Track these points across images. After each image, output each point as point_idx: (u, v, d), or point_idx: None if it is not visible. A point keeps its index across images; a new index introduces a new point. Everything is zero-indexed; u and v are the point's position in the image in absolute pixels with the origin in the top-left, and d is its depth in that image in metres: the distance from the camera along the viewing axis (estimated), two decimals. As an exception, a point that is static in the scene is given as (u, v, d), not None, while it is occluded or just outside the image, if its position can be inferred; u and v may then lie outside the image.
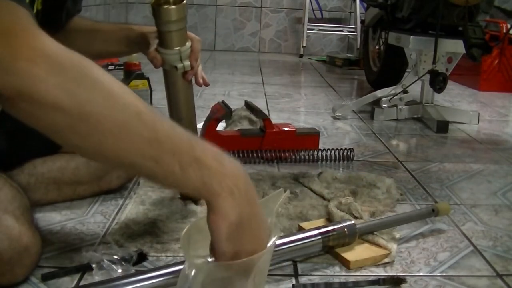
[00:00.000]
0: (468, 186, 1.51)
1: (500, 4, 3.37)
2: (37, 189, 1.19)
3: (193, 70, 1.06)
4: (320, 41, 4.82)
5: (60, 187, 1.22)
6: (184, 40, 1.03)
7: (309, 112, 2.42)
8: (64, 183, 1.22)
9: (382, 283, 0.93)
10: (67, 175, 1.22)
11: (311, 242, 1.00)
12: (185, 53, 1.03)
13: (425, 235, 1.16)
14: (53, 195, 1.22)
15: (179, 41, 1.02)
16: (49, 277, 0.91)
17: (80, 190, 1.25)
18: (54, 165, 1.21)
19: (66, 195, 1.23)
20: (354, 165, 1.65)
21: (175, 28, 1.00)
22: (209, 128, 1.65)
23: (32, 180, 1.19)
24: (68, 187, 1.23)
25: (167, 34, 1.00)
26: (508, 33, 2.58)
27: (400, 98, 2.29)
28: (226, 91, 2.80)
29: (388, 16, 2.63)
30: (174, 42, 1.01)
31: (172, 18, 0.98)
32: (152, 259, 1.00)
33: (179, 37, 1.01)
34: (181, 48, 1.02)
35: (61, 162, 1.22)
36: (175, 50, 1.02)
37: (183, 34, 1.02)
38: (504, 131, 2.24)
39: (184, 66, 1.04)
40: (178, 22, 0.99)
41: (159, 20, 0.99)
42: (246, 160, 1.60)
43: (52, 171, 1.21)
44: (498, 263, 1.05)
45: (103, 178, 1.26)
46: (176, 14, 0.98)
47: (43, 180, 1.20)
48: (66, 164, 1.22)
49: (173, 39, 1.01)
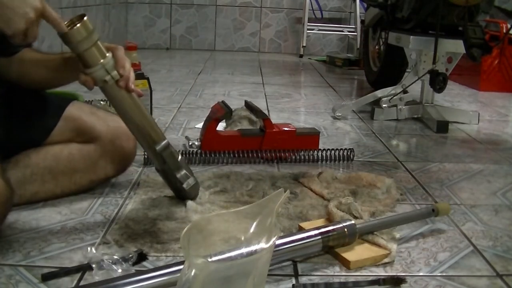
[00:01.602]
0: (468, 186, 1.51)
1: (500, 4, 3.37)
2: (34, 181, 1.20)
3: (123, 77, 1.05)
4: (320, 41, 4.82)
5: (56, 176, 1.23)
6: (103, 53, 1.04)
7: (309, 112, 2.42)
8: (60, 172, 1.23)
9: (382, 283, 0.93)
10: (62, 163, 1.23)
11: (311, 242, 1.00)
12: (109, 65, 1.04)
13: (425, 235, 1.16)
14: (50, 186, 1.22)
15: (98, 55, 1.03)
16: (49, 277, 0.91)
17: (77, 178, 1.26)
18: (48, 154, 1.22)
19: (63, 184, 1.24)
20: (354, 165, 1.65)
21: (88, 44, 1.01)
22: (209, 128, 1.65)
23: (28, 171, 1.19)
24: (64, 175, 1.24)
25: (85, 53, 1.02)
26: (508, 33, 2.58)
27: (400, 98, 2.29)
28: (226, 91, 2.80)
29: (388, 16, 2.63)
30: (94, 58, 1.03)
31: (82, 36, 1.00)
32: (152, 259, 1.00)
33: (96, 52, 1.03)
34: (103, 61, 1.03)
35: (54, 150, 1.23)
36: (98, 65, 1.03)
37: (99, 48, 1.03)
38: (504, 131, 2.24)
39: (113, 77, 1.05)
40: (89, 38, 1.01)
41: (72, 44, 1.01)
42: (246, 160, 1.60)
43: (47, 159, 1.22)
44: (498, 263, 1.05)
45: (98, 163, 1.27)
46: (83, 31, 1.00)
47: (38, 171, 1.20)
48: (60, 151, 1.23)
49: (92, 55, 1.03)
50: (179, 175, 1.19)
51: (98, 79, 1.04)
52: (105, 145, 1.26)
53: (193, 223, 0.80)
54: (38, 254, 1.00)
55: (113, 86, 1.06)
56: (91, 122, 1.26)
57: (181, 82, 3.02)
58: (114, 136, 1.27)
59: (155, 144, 1.14)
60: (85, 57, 1.02)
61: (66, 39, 0.99)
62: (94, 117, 1.27)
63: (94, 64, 1.02)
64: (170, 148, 1.16)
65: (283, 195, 0.87)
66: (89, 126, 1.26)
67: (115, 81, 1.05)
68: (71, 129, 1.25)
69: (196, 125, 2.01)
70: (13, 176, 1.17)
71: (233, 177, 1.43)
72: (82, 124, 1.25)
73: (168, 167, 1.18)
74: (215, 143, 1.64)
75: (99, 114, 1.29)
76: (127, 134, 1.29)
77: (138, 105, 1.11)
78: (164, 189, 1.33)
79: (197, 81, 3.08)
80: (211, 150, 1.60)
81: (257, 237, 0.85)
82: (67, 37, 0.99)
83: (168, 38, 4.64)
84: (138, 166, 1.51)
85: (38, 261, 0.97)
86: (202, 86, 2.94)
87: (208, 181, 1.40)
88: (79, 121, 1.25)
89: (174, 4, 4.65)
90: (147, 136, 1.14)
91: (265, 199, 0.87)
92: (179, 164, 1.19)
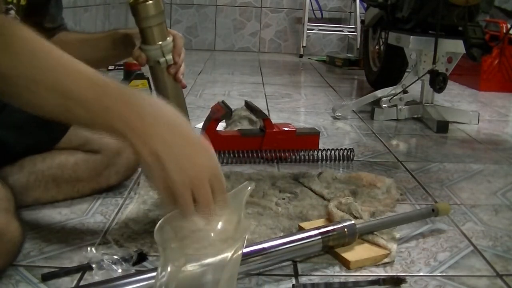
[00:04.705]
0: (468, 186, 1.51)
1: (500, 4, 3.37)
2: (37, 187, 1.20)
3: (176, 65, 1.07)
4: (320, 41, 4.82)
5: (60, 184, 1.22)
6: (164, 35, 1.06)
7: (309, 112, 2.42)
8: (64, 180, 1.23)
9: (382, 283, 0.93)
10: (66, 172, 1.22)
11: (311, 242, 1.00)
12: (167, 48, 1.06)
13: (425, 235, 1.16)
14: (53, 192, 1.22)
15: (159, 36, 1.05)
16: (49, 277, 0.91)
17: (79, 186, 1.25)
18: (53, 162, 1.22)
19: (65, 192, 1.24)
20: (354, 165, 1.65)
21: (153, 23, 1.03)
22: (209, 128, 1.65)
23: (32, 178, 1.19)
24: (67, 184, 1.23)
25: (148, 30, 1.04)
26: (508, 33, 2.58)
27: (400, 98, 2.29)
28: (226, 91, 2.80)
29: (388, 16, 2.63)
30: (155, 38, 1.05)
31: (150, 14, 1.01)
32: (152, 259, 0.99)
33: (159, 32, 1.05)
34: (162, 43, 1.05)
35: (60, 159, 1.23)
36: (156, 45, 1.05)
37: (163, 29, 1.06)
38: (504, 131, 2.24)
39: (167, 61, 1.07)
40: (156, 17, 1.02)
41: (138, 17, 1.03)
42: (246, 160, 1.60)
43: (52, 168, 1.21)
44: (498, 263, 1.05)
45: (102, 173, 1.27)
46: (153, 9, 1.01)
47: (42, 178, 1.20)
48: (65, 160, 1.23)
49: (154, 34, 1.04)
50: None
51: (152, 59, 1.06)
52: (111, 156, 1.26)
53: (164, 218, 0.81)
54: (38, 254, 1.00)
55: (163, 70, 1.07)
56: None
57: (181, 82, 3.02)
58: (120, 148, 1.26)
59: None
60: (147, 34, 1.04)
61: (136, 11, 1.01)
62: None
63: (153, 43, 1.04)
64: None
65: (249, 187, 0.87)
66: (97, 136, 1.25)
67: (166, 66, 1.06)
68: (79, 138, 1.24)
69: (196, 125, 2.01)
70: (17, 181, 1.17)
71: (233, 177, 1.43)
72: (90, 134, 1.25)
73: None
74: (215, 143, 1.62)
75: None
76: None
77: (179, 95, 1.12)
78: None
79: (197, 81, 3.08)
80: (211, 150, 1.60)
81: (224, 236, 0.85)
82: (137, 10, 1.00)
83: (168, 38, 4.64)
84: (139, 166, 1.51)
85: (38, 261, 0.97)
86: (202, 86, 2.94)
87: (208, 181, 1.40)
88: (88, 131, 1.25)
89: (174, 4, 4.65)
90: None
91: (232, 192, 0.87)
92: None
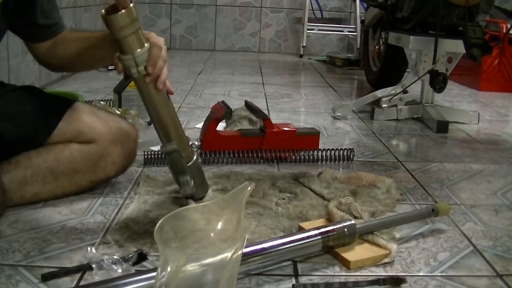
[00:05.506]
0: (468, 186, 1.51)
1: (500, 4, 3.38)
2: (34, 182, 1.20)
3: (151, 75, 1.05)
4: (320, 41, 4.82)
5: (57, 177, 1.23)
6: (141, 42, 1.04)
7: (309, 112, 2.42)
8: (61, 173, 1.23)
9: (382, 283, 0.93)
10: (62, 164, 1.23)
11: (311, 242, 1.00)
12: (140, 58, 1.03)
13: (425, 235, 1.16)
14: (51, 187, 1.22)
15: (135, 44, 1.03)
16: (49, 277, 0.91)
17: (77, 179, 1.26)
18: (49, 155, 1.22)
19: (63, 185, 1.24)
20: (354, 165, 1.65)
21: (127, 32, 1.01)
22: (209, 128, 1.65)
23: (29, 173, 1.19)
24: (65, 176, 1.24)
25: (123, 40, 1.02)
26: (508, 33, 2.58)
27: (400, 98, 2.29)
28: (226, 91, 2.80)
29: (388, 16, 2.63)
30: (131, 47, 1.03)
31: (122, 24, 0.99)
32: (152, 259, 0.99)
33: (134, 41, 1.02)
34: (135, 53, 1.03)
35: (55, 151, 1.23)
36: (128, 56, 1.03)
37: (139, 37, 1.03)
38: (504, 131, 2.24)
39: (139, 72, 1.04)
40: (130, 26, 1.00)
41: (111, 29, 1.01)
42: (246, 160, 1.60)
43: (48, 161, 1.22)
44: (498, 263, 1.05)
45: (98, 164, 1.27)
46: (126, 19, 0.99)
47: (39, 172, 1.20)
48: (60, 152, 1.23)
49: (129, 43, 1.02)
50: (181, 179, 1.18)
51: (127, 68, 1.05)
52: (106, 146, 1.26)
53: (164, 218, 0.80)
54: (38, 254, 1.00)
55: (141, 79, 1.06)
56: (91, 123, 1.26)
57: (181, 82, 3.02)
58: (114, 137, 1.27)
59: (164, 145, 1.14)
60: (122, 43, 1.02)
61: (107, 23, 1.00)
62: (94, 117, 1.27)
63: (126, 53, 1.03)
64: (176, 154, 1.14)
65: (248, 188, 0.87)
66: (90, 126, 1.25)
67: (143, 75, 1.05)
68: (72, 129, 1.24)
69: (196, 125, 2.01)
70: (14, 177, 1.18)
71: (233, 177, 1.43)
72: (82, 125, 1.25)
73: (171, 169, 1.18)
74: (215, 143, 1.64)
75: (100, 115, 1.29)
76: (128, 135, 1.29)
77: (165, 103, 1.11)
78: (165, 189, 1.33)
79: (197, 81, 3.08)
80: (211, 150, 1.60)
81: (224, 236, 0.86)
82: (107, 21, 0.99)
83: (168, 38, 4.64)
84: (138, 166, 1.51)
85: (38, 261, 0.97)
86: (202, 86, 2.94)
87: (208, 181, 1.40)
88: (80, 122, 1.25)
89: (174, 4, 4.65)
90: (166, 135, 1.14)
91: (232, 192, 0.87)
92: (183, 169, 1.17)
